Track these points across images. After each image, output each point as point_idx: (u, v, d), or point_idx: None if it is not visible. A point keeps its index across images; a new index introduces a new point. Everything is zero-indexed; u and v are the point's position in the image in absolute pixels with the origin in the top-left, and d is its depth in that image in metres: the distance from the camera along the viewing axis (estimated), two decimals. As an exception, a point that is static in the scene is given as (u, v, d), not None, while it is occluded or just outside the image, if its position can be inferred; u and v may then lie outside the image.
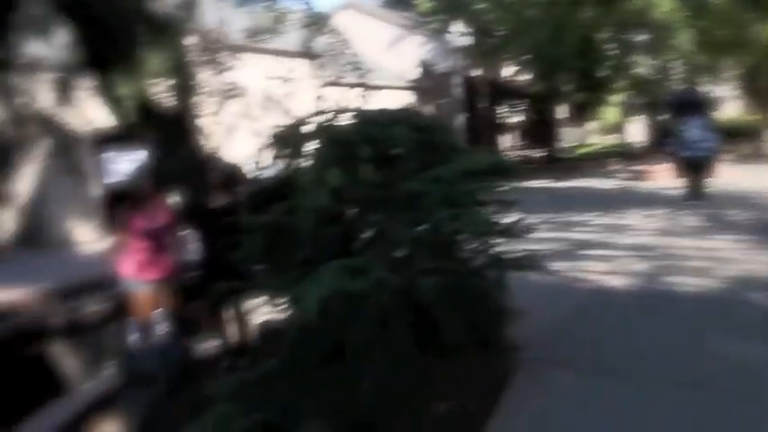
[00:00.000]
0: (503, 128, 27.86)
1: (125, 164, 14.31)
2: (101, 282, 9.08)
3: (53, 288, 8.74)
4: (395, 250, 3.78)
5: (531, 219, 4.49)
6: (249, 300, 5.16)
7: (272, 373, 3.45)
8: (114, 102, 5.71)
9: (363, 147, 3.85)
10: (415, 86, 23.73)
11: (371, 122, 4.20)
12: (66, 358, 7.41)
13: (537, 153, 26.30)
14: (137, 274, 5.26)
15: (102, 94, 5.93)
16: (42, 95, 7.53)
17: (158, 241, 5.28)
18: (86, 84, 6.91)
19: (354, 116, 4.45)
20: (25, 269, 10.43)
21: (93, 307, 8.66)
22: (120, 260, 5.39)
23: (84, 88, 7.10)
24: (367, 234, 4.09)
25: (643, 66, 21.46)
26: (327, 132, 4.18)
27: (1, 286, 8.61)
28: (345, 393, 3.30)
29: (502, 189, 4.20)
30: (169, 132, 5.76)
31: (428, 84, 23.74)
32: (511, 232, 4.03)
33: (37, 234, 12.97)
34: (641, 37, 20.80)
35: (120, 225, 5.32)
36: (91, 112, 7.73)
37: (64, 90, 7.03)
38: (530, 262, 4.19)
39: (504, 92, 25.68)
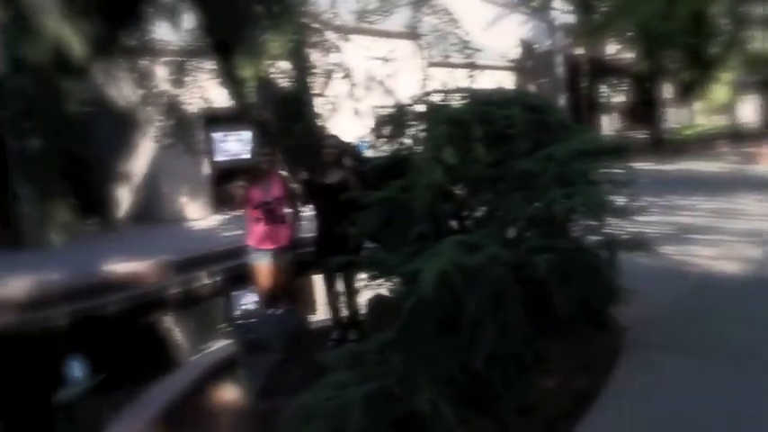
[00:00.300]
0: (605, 108, 27.05)
1: (232, 143, 14.91)
2: (212, 255, 9.62)
3: (169, 260, 9.32)
4: (507, 228, 3.85)
5: (638, 201, 4.45)
6: (359, 274, 5.33)
7: (387, 343, 3.57)
8: (236, 84, 6.00)
9: (476, 126, 3.93)
10: (517, 66, 23.41)
11: (484, 102, 4.27)
12: (180, 327, 7.91)
13: (640, 134, 25.38)
14: (258, 243, 5.57)
15: (224, 76, 6.23)
16: (164, 78, 8.01)
17: (274, 213, 5.56)
18: (205, 66, 7.30)
19: (466, 96, 4.53)
20: (139, 243, 11.11)
21: (205, 279, 9.18)
22: (246, 233, 5.73)
23: (202, 70, 7.51)
24: (479, 212, 4.19)
25: (759, 41, 20.26)
26: (439, 112, 4.29)
27: (120, 258, 9.27)
28: (459, 365, 3.41)
29: (614, 169, 4.19)
30: (286, 112, 6.00)
31: (529, 63, 23.37)
32: (623, 213, 4.02)
33: (151, 209, 13.75)
34: (759, 10, 19.63)
35: (238, 198, 5.63)
36: (206, 93, 8.16)
37: (184, 73, 7.45)
38: (640, 243, 4.16)
39: (607, 71, 24.92)
